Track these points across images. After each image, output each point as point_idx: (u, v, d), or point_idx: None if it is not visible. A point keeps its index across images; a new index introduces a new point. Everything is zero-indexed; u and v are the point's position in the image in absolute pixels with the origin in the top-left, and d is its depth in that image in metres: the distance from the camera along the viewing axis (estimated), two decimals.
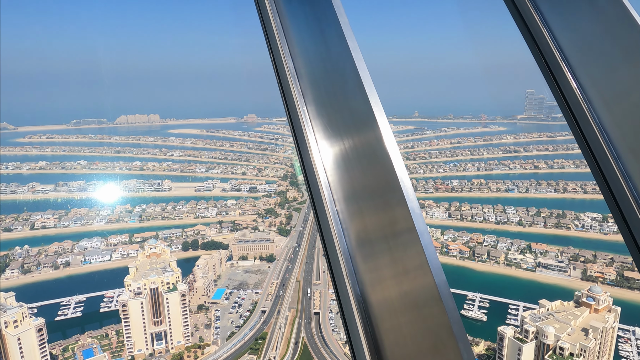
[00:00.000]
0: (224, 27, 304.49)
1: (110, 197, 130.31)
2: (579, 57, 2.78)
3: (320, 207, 2.31)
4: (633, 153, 2.50)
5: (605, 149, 2.62)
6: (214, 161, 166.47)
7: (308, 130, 2.49)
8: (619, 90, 2.61)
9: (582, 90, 2.76)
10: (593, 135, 2.69)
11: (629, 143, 2.54)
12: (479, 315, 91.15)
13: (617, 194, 2.45)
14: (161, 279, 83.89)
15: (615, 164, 2.56)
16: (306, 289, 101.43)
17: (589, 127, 2.71)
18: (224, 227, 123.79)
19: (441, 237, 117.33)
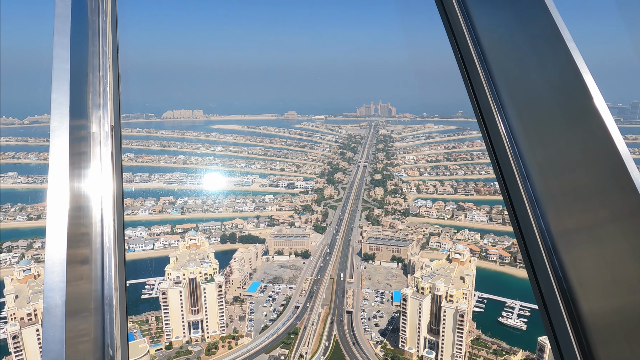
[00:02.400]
0: (268, 25, 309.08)
1: (155, 188, 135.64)
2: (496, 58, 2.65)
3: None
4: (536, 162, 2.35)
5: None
6: (253, 157, 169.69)
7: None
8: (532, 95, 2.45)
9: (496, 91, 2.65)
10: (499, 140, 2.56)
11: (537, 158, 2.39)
12: (518, 324, 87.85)
13: (515, 201, 2.33)
14: (199, 269, 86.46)
15: (516, 168, 2.42)
16: (340, 286, 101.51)
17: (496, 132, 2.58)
18: (261, 221, 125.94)
19: (480, 241, 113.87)
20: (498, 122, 2.45)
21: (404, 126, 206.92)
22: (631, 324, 1.75)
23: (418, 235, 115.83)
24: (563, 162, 2.07)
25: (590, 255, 1.92)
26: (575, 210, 1.98)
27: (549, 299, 1.97)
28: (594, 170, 1.89)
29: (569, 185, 2.04)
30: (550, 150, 2.18)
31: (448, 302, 79.86)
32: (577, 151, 2.00)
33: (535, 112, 2.32)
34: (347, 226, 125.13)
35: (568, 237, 1.97)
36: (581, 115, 1.98)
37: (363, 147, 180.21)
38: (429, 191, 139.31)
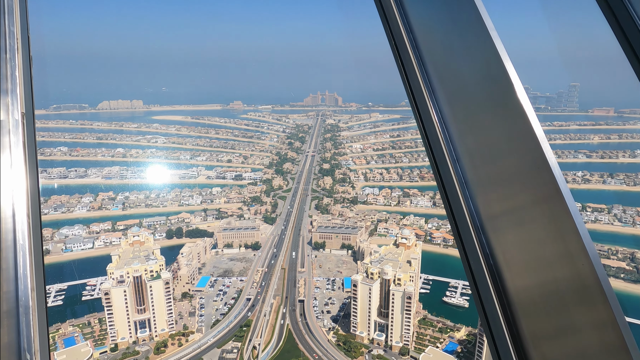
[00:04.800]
0: (212, 11, 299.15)
1: (92, 184, 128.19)
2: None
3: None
4: (469, 154, 2.52)
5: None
6: (198, 148, 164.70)
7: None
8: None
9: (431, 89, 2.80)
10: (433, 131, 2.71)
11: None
12: (461, 302, 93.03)
13: (451, 195, 2.48)
14: (144, 267, 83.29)
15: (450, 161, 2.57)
16: (291, 276, 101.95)
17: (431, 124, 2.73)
18: (209, 214, 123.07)
19: (425, 225, 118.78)
20: (430, 108, 2.52)
21: (351, 115, 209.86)
22: (550, 298, 1.87)
23: (366, 223, 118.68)
24: (488, 147, 2.17)
25: (513, 235, 2.03)
26: (499, 193, 2.09)
27: (478, 275, 2.07)
28: (515, 155, 2.00)
29: (494, 169, 2.14)
30: (476, 135, 2.27)
31: (396, 285, 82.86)
32: (500, 137, 2.10)
33: (463, 99, 2.41)
34: (297, 216, 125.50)
35: (494, 218, 2.07)
36: (502, 102, 2.08)
37: (311, 137, 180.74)
38: (376, 179, 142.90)
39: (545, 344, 1.89)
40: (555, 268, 1.83)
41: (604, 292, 1.57)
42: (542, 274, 1.90)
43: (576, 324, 1.73)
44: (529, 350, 1.89)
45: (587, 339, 1.71)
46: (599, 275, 1.58)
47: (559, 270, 1.81)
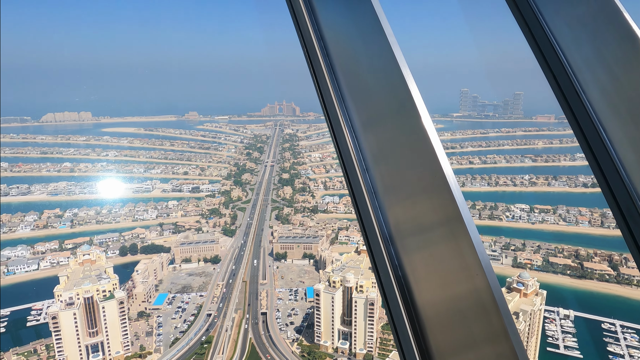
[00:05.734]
0: (165, 19, 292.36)
1: (37, 201, 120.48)
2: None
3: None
4: None
5: None
6: (153, 161, 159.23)
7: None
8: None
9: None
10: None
11: None
12: None
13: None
14: (96, 286, 78.84)
15: None
16: (253, 288, 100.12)
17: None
18: (165, 229, 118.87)
19: None
20: (340, 116, 2.50)
21: (309, 125, 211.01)
22: (452, 312, 1.92)
23: (327, 231, 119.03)
24: (391, 158, 2.18)
25: (417, 248, 2.06)
26: (403, 204, 2.11)
27: (387, 288, 2.07)
28: (414, 167, 2.02)
29: (398, 180, 2.16)
30: (382, 144, 2.28)
31: (358, 292, 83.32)
32: (402, 147, 2.12)
33: (369, 107, 2.42)
34: (257, 227, 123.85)
35: (400, 230, 2.08)
36: (402, 112, 2.09)
37: (269, 147, 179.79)
38: (336, 187, 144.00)
39: (450, 359, 1.95)
40: (455, 282, 1.90)
41: (497, 304, 1.65)
42: (444, 288, 1.97)
43: (474, 337, 1.80)
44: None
45: (483, 351, 1.79)
46: (492, 287, 1.66)
47: (458, 284, 1.88)
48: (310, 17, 2.62)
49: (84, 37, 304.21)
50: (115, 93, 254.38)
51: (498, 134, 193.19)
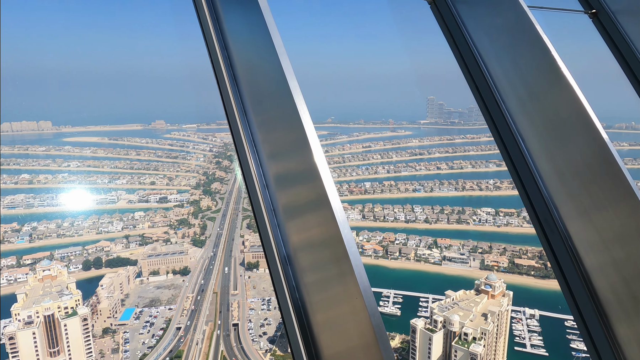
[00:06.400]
0: (128, 25, 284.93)
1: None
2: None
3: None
4: None
5: None
6: (118, 171, 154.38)
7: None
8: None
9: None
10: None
11: None
12: (394, 311, 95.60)
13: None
14: (57, 303, 75.41)
15: None
16: (224, 300, 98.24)
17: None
18: (132, 241, 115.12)
19: (357, 238, 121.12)
20: (240, 127, 2.48)
21: None
22: (341, 334, 2.00)
23: None
24: (286, 173, 2.18)
25: (310, 271, 2.08)
26: (296, 224, 2.11)
27: (284, 311, 2.09)
28: (302, 184, 2.02)
29: (292, 197, 2.16)
30: (277, 161, 2.27)
31: None
32: (291, 164, 2.12)
33: (266, 118, 2.40)
34: (227, 237, 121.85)
35: (295, 250, 2.09)
36: (290, 124, 2.10)
37: None
38: None
39: None
40: (342, 304, 1.96)
41: (371, 324, 1.75)
42: (333, 310, 2.03)
43: (355, 353, 1.86)
44: None
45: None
46: (368, 309, 1.73)
47: (344, 306, 1.94)
48: (215, 26, 2.59)
49: (43, 42, 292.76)
50: (77, 101, 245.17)
51: (464, 140, 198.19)
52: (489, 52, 2.68)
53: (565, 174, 2.39)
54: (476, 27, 2.74)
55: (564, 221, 2.46)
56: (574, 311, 2.88)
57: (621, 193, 2.34)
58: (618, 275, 2.49)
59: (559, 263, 2.47)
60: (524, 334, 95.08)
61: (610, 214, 2.42)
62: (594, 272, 2.49)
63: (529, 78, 2.48)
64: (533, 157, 2.44)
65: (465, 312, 79.41)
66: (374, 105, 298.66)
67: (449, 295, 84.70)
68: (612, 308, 2.49)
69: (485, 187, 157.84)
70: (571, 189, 2.41)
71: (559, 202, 2.42)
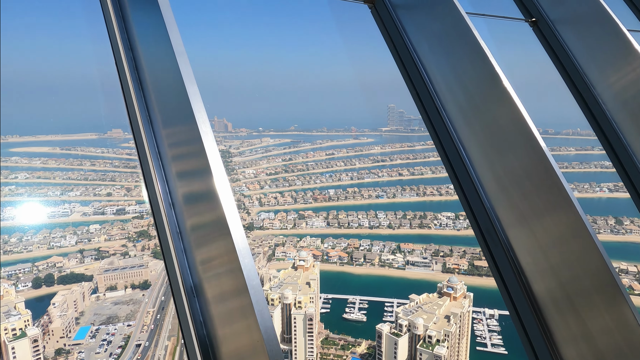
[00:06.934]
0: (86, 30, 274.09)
1: None
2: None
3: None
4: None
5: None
6: (71, 182, 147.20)
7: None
8: None
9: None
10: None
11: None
12: (360, 317, 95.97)
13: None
14: (4, 325, 70.48)
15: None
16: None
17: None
18: (87, 255, 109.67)
19: (321, 245, 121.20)
20: (144, 139, 2.37)
21: (241, 141, 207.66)
22: (239, 349, 2.04)
23: (264, 248, 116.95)
24: (191, 193, 2.11)
25: (214, 302, 2.03)
26: (200, 249, 2.05)
27: (188, 342, 2.01)
28: (206, 208, 1.95)
29: (197, 219, 2.09)
30: (183, 177, 2.19)
31: (297, 308, 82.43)
32: (195, 183, 2.04)
33: (172, 132, 2.32)
34: None
35: (201, 279, 2.02)
36: (189, 138, 2.03)
37: None
38: (271, 203, 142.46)
39: None
40: (243, 339, 2.00)
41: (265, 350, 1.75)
42: (234, 345, 2.09)
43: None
44: None
45: None
46: (267, 347, 1.74)
47: (244, 340, 1.98)
48: (120, 26, 2.42)
49: None
50: (25, 109, 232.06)
51: (424, 146, 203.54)
52: (429, 59, 2.65)
53: (505, 183, 2.39)
54: (416, 32, 2.70)
55: (504, 229, 2.47)
56: (513, 314, 2.96)
57: (558, 201, 2.38)
58: (555, 279, 2.58)
59: (499, 269, 2.50)
60: (484, 333, 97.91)
61: (548, 221, 2.46)
62: (532, 277, 2.56)
63: (468, 85, 2.46)
64: (474, 165, 2.43)
65: (429, 315, 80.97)
66: (336, 113, 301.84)
67: (413, 299, 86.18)
68: (549, 309, 2.61)
69: (445, 192, 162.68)
70: (511, 197, 2.42)
71: (500, 211, 2.42)
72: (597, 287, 2.55)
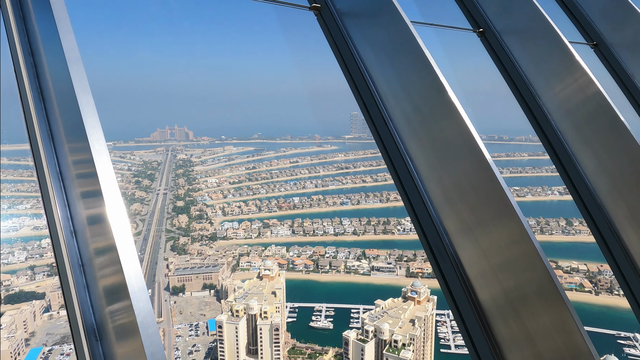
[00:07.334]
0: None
1: None
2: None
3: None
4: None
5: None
6: (20, 195, 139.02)
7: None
8: None
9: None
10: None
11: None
12: (326, 324, 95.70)
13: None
14: None
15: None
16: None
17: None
18: (38, 272, 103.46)
19: (287, 254, 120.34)
20: (41, 147, 2.17)
21: (203, 149, 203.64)
22: None
23: (228, 258, 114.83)
24: (92, 218, 1.96)
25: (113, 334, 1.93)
26: (100, 280, 1.92)
27: None
28: (100, 237, 1.80)
29: (94, 250, 1.96)
30: (85, 199, 2.03)
31: (263, 319, 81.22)
32: (90, 208, 1.89)
33: (70, 138, 2.14)
34: (150, 261, 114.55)
35: (105, 320, 1.88)
36: (80, 145, 1.87)
37: (161, 174, 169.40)
38: (235, 212, 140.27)
39: None
40: None
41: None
42: None
43: None
44: None
45: None
46: None
47: None
48: (19, 26, 2.18)
49: None
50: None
51: (364, 155, 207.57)
52: (375, 68, 2.62)
53: (451, 194, 2.40)
54: (362, 41, 2.67)
55: (451, 239, 2.48)
56: (459, 321, 2.97)
57: (502, 211, 2.41)
58: (498, 285, 2.61)
59: (445, 278, 2.49)
60: (448, 335, 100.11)
61: (492, 230, 2.48)
62: (477, 284, 2.58)
63: (414, 96, 2.44)
64: (421, 177, 2.40)
65: (394, 320, 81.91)
66: (300, 121, 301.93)
67: (379, 304, 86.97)
68: (493, 315, 2.64)
69: (395, 199, 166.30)
70: (457, 208, 2.42)
71: (446, 221, 2.43)
72: (538, 292, 2.62)
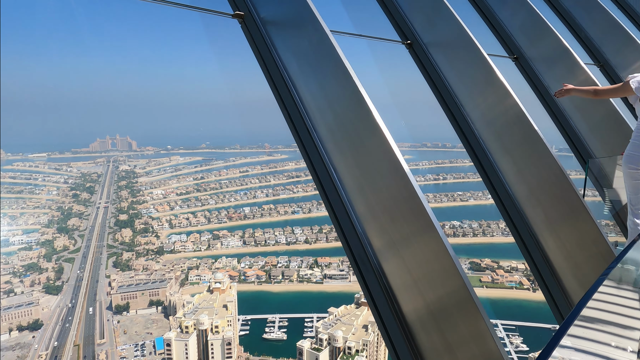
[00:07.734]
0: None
1: None
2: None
3: None
4: None
5: None
6: None
7: None
8: None
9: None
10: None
11: None
12: (280, 335, 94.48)
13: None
14: None
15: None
16: (89, 351, 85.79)
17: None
18: None
19: (238, 265, 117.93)
20: None
21: (148, 160, 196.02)
22: None
23: (176, 273, 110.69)
24: None
25: None
26: None
27: None
28: None
29: None
30: None
31: (214, 334, 78.80)
32: None
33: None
34: (90, 279, 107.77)
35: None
36: None
37: (102, 186, 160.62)
38: (182, 224, 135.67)
39: None
40: None
41: None
42: None
43: None
44: None
45: None
46: None
47: None
48: None
49: None
50: None
51: None
52: (298, 78, 2.56)
53: (375, 209, 2.39)
54: (285, 50, 2.60)
55: (376, 254, 2.47)
56: (384, 334, 3.00)
57: (424, 227, 2.44)
58: (421, 299, 2.67)
59: (371, 292, 2.50)
60: None
61: (414, 245, 2.51)
62: (401, 298, 2.63)
63: (336, 107, 2.40)
64: (346, 190, 2.36)
65: (347, 327, 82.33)
66: (249, 130, 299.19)
67: (332, 312, 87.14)
68: (416, 328, 2.71)
69: None
70: (381, 222, 2.43)
71: (372, 236, 2.42)
72: (456, 304, 2.70)
